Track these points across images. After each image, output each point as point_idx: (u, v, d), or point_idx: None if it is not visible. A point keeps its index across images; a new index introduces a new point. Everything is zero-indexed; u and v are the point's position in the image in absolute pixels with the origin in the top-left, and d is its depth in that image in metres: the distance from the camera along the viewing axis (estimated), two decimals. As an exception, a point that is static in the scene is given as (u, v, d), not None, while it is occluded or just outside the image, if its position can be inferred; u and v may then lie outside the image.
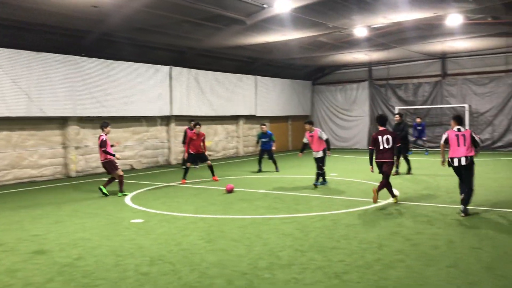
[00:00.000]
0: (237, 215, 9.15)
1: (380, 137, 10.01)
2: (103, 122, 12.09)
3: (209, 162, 14.48)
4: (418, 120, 22.30)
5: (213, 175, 14.46)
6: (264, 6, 14.02)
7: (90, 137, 16.90)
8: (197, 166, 17.87)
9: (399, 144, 10.54)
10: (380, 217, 8.65)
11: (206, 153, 14.63)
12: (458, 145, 8.86)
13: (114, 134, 17.55)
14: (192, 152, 14.12)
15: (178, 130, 20.27)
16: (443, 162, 9.46)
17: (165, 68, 19.13)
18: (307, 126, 13.05)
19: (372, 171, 10.11)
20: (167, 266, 6.02)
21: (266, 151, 16.68)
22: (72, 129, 16.20)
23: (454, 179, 13.17)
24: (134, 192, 12.27)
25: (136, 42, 17.38)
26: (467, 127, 22.02)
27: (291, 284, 5.26)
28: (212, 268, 5.89)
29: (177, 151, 20.15)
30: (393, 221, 8.29)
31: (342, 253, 6.41)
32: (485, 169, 15.34)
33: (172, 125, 19.91)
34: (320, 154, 12.75)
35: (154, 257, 6.40)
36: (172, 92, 19.36)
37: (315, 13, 14.84)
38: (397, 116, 15.60)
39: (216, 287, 5.22)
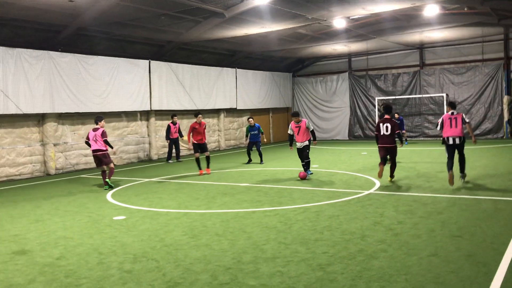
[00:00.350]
0: (220, 209, 9.14)
1: (381, 124, 11.47)
2: (98, 116, 12.73)
3: (207, 153, 14.62)
4: (396, 115, 22.63)
5: (208, 167, 14.63)
6: (243, -2, 13.94)
7: (69, 133, 16.66)
8: (170, 161, 17.96)
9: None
10: (362, 207, 8.73)
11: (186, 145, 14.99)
12: (451, 127, 10.63)
13: (93, 130, 17.31)
14: (195, 142, 14.39)
15: (159, 125, 20.12)
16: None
17: (144, 63, 18.92)
18: (295, 119, 13.01)
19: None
20: (151, 263, 5.98)
21: (254, 143, 17.06)
22: (50, 126, 15.93)
23: (434, 168, 13.41)
24: (116, 189, 12.14)
25: (113, 37, 17.13)
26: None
27: (275, 277, 5.28)
28: (196, 263, 5.87)
29: (158, 146, 20.01)
30: (375, 211, 8.38)
31: (325, 244, 6.46)
32: (464, 158, 15.60)
33: (152, 120, 19.73)
34: (305, 143, 12.81)
35: (138, 254, 6.35)
36: (151, 87, 19.17)
37: (293, 5, 14.82)
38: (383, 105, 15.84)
39: (200, 282, 5.21)
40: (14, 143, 15.14)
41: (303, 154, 12.89)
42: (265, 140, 17.52)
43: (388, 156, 11.66)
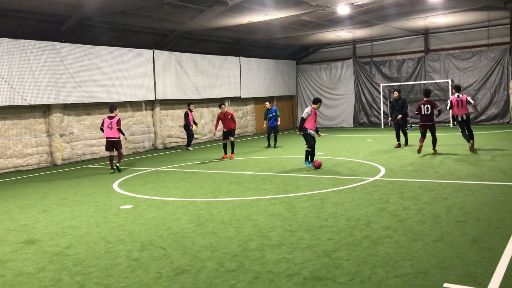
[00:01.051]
0: (226, 197, 9.19)
1: (422, 106, 13.77)
2: (112, 106, 13.66)
3: (232, 138, 15.33)
4: (396, 94, 22.50)
5: (232, 152, 15.53)
6: (246, -14, 13.87)
7: (75, 124, 16.74)
8: (190, 149, 18.20)
9: (399, 118, 15.25)
10: (367, 194, 8.76)
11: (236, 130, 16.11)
12: (458, 107, 13.68)
13: (98, 121, 17.41)
14: (225, 130, 15.37)
15: (164, 115, 20.16)
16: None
17: (148, 52, 18.91)
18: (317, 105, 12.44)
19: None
20: (158, 251, 6.05)
21: (273, 127, 17.94)
22: (56, 117, 16.01)
23: (439, 154, 13.39)
24: (122, 178, 12.23)
25: (117, 26, 17.12)
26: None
27: (281, 264, 5.33)
28: (203, 251, 5.94)
29: (164, 135, 20.07)
30: (380, 198, 8.41)
31: (331, 231, 6.50)
32: (468, 143, 15.55)
33: (157, 109, 19.78)
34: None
35: (145, 243, 6.43)
36: (155, 76, 19.19)
37: (297, -8, 14.73)
38: (395, 92, 16.09)
39: (207, 270, 5.27)
40: (21, 134, 15.25)
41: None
42: (278, 123, 18.15)
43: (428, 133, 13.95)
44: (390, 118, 16.20)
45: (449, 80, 23.38)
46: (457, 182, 9.43)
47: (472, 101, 13.69)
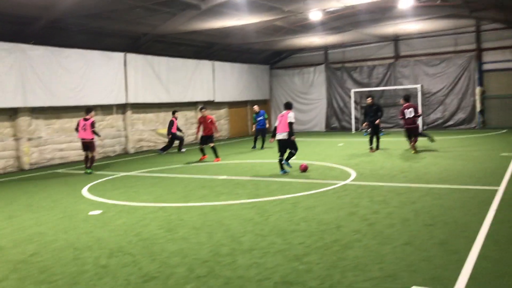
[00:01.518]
0: (198, 202, 9.13)
1: (406, 110, 14.85)
2: (88, 108, 13.96)
3: (212, 144, 15.55)
4: (369, 100, 22.93)
5: (217, 156, 15.57)
6: (219, -10, 13.87)
7: (44, 128, 16.36)
8: (183, 150, 18.77)
9: (377, 123, 15.72)
10: (338, 198, 8.84)
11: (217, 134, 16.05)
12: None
13: (68, 124, 17.08)
14: (203, 134, 15.61)
15: (135, 118, 19.92)
16: None
17: (119, 55, 18.66)
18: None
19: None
20: (127, 257, 5.95)
21: (261, 130, 18.54)
22: (23, 120, 15.61)
23: (408, 158, 13.64)
24: (92, 183, 12.00)
25: (88, 29, 16.85)
26: (419, 107, 22.77)
27: (252, 269, 5.32)
28: (173, 257, 5.87)
29: (135, 140, 19.82)
30: (350, 201, 8.50)
31: (302, 235, 6.53)
32: (437, 148, 15.92)
33: (129, 113, 19.52)
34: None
35: (113, 249, 6.31)
36: (127, 80, 18.95)
37: (270, -3, 14.82)
38: (369, 98, 16.48)
39: (177, 276, 5.21)
40: (-14, 138, 14.80)
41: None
42: (267, 126, 18.87)
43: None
44: (365, 123, 16.44)
45: (419, 86, 23.88)
46: (426, 186, 9.61)
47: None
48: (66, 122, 17.08)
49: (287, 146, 12.08)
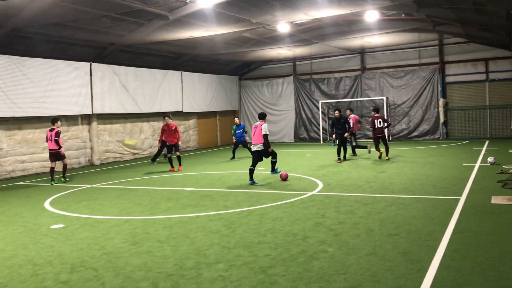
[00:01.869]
0: (163, 215, 9.00)
1: (376, 120, 16.14)
2: (54, 118, 13.96)
3: (178, 153, 15.87)
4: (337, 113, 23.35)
5: (180, 164, 15.92)
6: (187, 1, 13.84)
7: (5, 139, 15.86)
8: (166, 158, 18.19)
9: (346, 135, 16.25)
10: (305, 209, 8.87)
11: (180, 143, 16.32)
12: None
13: (31, 135, 16.63)
14: (168, 143, 15.85)
15: (101, 129, 19.57)
16: None
17: (85, 65, 18.35)
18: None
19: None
20: (89, 272, 5.79)
21: (240, 142, 18.71)
22: (-17, 131, 15.12)
23: (375, 169, 13.86)
24: (54, 196, 11.69)
25: (52, 38, 16.51)
26: (385, 117, 23.34)
27: (217, 282, 5.26)
28: (137, 271, 5.75)
29: (101, 151, 19.46)
30: (317, 212, 8.54)
31: (268, 247, 6.51)
32: (402, 158, 16.24)
33: (94, 124, 19.16)
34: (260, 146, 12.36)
35: (75, 264, 6.14)
36: (93, 90, 18.62)
37: (238, 9, 14.89)
38: (336, 112, 16.91)
39: (140, 290, 5.10)
40: None
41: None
42: (247, 138, 18.89)
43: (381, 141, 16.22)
44: (334, 135, 16.77)
45: (384, 98, 24.38)
46: (391, 196, 9.77)
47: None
48: (29, 133, 16.63)
49: (264, 156, 12.43)
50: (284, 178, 12.52)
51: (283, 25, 17.55)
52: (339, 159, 16.22)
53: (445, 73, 23.92)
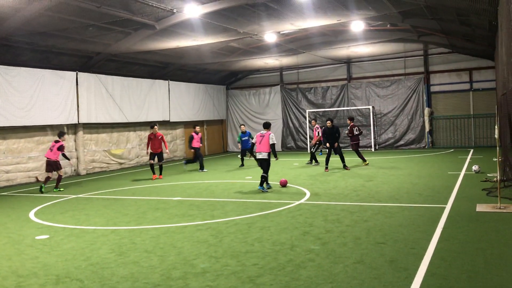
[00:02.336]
0: (150, 225, 8.94)
1: (354, 128, 17.48)
2: (60, 132, 14.64)
3: (161, 162, 16.55)
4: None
5: (160, 173, 16.47)
6: (174, 11, 13.87)
7: (-12, 149, 15.66)
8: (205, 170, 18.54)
9: (336, 146, 16.56)
10: (293, 218, 8.88)
11: (165, 153, 17.35)
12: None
13: (15, 145, 16.45)
14: (152, 151, 16.27)
15: (87, 139, 19.42)
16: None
17: (71, 74, 18.24)
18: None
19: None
20: (74, 283, 5.72)
21: (247, 149, 18.88)
22: (-33, 141, 14.90)
23: (362, 177, 13.94)
24: (39, 206, 11.54)
25: (38, 47, 16.41)
26: (371, 127, 23.62)
27: (205, 292, 5.23)
28: (123, 282, 5.69)
29: (87, 161, 19.28)
30: (305, 221, 8.56)
31: (256, 256, 6.50)
32: (388, 167, 16.36)
33: (80, 133, 19.01)
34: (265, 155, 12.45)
35: (60, 275, 6.06)
36: (79, 99, 18.49)
37: (225, 19, 14.97)
38: (328, 122, 16.99)
39: (127, 301, 5.05)
40: None
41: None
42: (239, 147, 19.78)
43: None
44: (326, 144, 16.73)
45: (370, 107, 24.60)
46: (377, 205, 9.83)
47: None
48: (14, 143, 16.45)
49: (264, 165, 12.55)
50: (284, 185, 12.92)
51: (270, 35, 17.66)
52: (326, 168, 16.30)
53: (430, 82, 24.23)
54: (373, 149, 24.27)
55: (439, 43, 21.31)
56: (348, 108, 25.38)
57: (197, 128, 19.09)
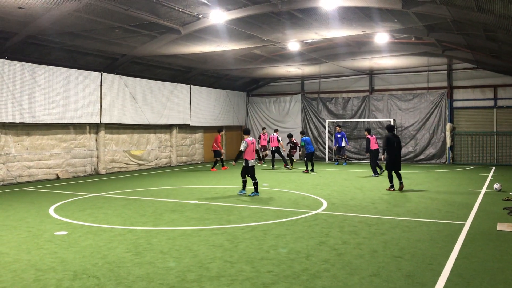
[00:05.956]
0: (167, 226, 9.00)
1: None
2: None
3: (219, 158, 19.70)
4: (338, 129, 23.60)
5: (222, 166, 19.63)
6: (200, 16, 14.02)
7: (13, 144, 15.98)
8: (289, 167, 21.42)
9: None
10: (309, 227, 8.85)
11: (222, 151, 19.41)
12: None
13: (38, 142, 16.76)
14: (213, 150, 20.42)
15: (108, 139, 19.68)
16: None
17: (96, 75, 18.54)
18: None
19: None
20: (91, 280, 5.79)
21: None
22: (-8, 136, 15.24)
23: (379, 190, 13.81)
24: (59, 203, 11.72)
25: (65, 47, 16.73)
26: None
27: (219, 296, 5.24)
28: (139, 281, 5.74)
29: (107, 160, 19.53)
30: (321, 231, 8.51)
31: (271, 263, 6.49)
32: (407, 182, 16.17)
33: (102, 133, 19.27)
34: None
35: (78, 271, 6.14)
36: (102, 99, 18.78)
37: (249, 26, 15.06)
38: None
39: (142, 301, 5.09)
40: (-49, 152, 14.35)
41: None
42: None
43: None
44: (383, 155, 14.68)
45: (392, 120, 24.41)
46: (395, 218, 9.72)
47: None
48: (37, 140, 16.76)
49: (247, 173, 13.15)
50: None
51: (293, 44, 17.71)
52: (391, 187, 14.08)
53: (453, 97, 23.94)
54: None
55: (464, 58, 21.07)
56: (369, 119, 25.22)
57: (265, 130, 23.78)
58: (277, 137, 22.05)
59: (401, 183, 13.83)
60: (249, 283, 5.67)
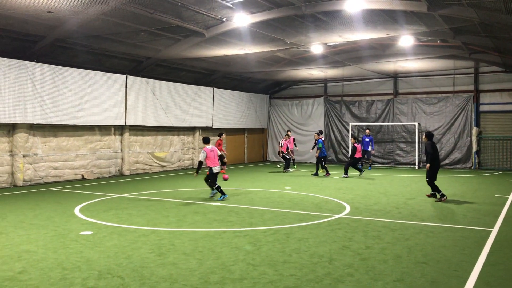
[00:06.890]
0: (190, 228, 9.06)
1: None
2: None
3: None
4: (368, 131, 23.37)
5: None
6: (224, 19, 14.12)
7: (40, 145, 16.34)
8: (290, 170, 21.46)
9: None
10: (332, 231, 8.80)
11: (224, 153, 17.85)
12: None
13: (65, 143, 17.08)
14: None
15: (133, 140, 19.94)
16: None
17: (121, 77, 18.82)
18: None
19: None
20: (115, 280, 5.88)
21: (323, 157, 20.39)
22: (21, 137, 15.61)
23: (404, 195, 13.64)
24: (84, 203, 11.93)
25: (91, 50, 17.04)
26: (416, 144, 23.10)
27: (241, 298, 5.25)
28: (162, 282, 5.80)
29: (131, 162, 19.79)
30: (344, 235, 8.45)
31: (293, 267, 6.47)
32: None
33: (126, 135, 19.55)
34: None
35: (102, 271, 6.23)
36: (127, 102, 19.05)
37: (272, 29, 15.09)
38: (424, 137, 13.71)
39: (165, 302, 5.14)
40: (-18, 152, 14.75)
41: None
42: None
43: None
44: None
45: (416, 123, 24.08)
46: (420, 224, 9.59)
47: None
48: (63, 141, 17.09)
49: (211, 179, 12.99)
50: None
51: (316, 46, 17.66)
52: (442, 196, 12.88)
53: (479, 101, 23.49)
54: (416, 167, 23.71)
55: (491, 61, 20.68)
56: (393, 123, 24.94)
57: (289, 132, 23.44)
58: (293, 138, 23.29)
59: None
60: (271, 286, 5.67)
